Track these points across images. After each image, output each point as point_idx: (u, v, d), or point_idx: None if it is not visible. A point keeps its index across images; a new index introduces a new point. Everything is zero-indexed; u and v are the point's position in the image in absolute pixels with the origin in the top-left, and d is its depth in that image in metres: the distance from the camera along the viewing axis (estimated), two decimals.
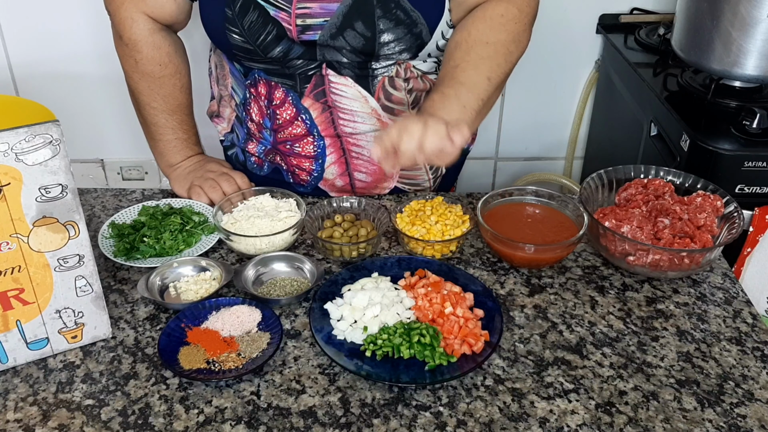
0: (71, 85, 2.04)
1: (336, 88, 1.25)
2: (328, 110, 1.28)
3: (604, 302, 1.11)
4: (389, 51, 1.22)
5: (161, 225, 1.21)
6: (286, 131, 1.32)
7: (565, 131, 2.23)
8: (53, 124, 0.86)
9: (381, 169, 1.34)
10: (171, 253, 1.18)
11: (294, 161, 1.35)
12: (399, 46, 1.22)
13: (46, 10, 1.93)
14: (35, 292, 0.95)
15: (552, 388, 0.96)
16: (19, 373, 0.98)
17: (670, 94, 1.67)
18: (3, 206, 0.87)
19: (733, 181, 1.43)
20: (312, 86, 1.26)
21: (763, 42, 1.45)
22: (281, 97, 1.28)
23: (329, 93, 1.25)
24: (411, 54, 1.24)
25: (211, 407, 0.93)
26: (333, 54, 1.22)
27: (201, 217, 1.25)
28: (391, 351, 0.98)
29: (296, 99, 1.28)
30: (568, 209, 1.23)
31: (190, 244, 1.20)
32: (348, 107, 1.27)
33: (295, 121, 1.30)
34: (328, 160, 1.34)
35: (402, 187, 1.41)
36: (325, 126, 1.30)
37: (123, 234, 1.20)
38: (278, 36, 1.20)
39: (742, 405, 0.94)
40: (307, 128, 1.30)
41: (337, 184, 1.38)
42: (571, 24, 1.99)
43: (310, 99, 1.27)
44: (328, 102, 1.27)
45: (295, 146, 1.33)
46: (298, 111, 1.29)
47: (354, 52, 1.21)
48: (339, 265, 1.18)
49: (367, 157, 1.33)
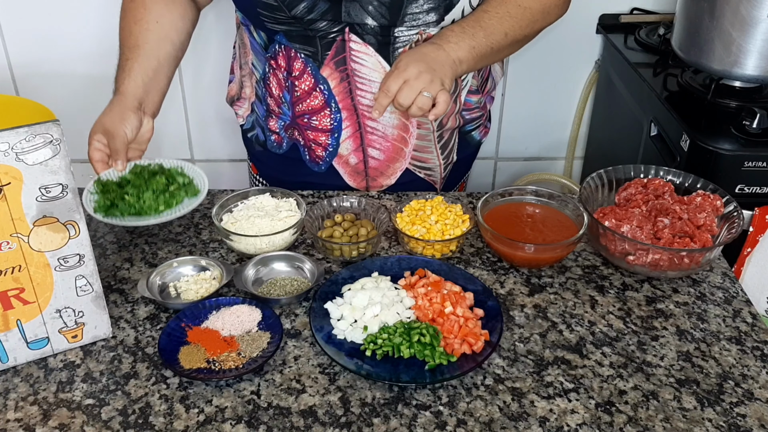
0: (71, 85, 2.04)
1: (356, 56, 1.26)
2: (346, 80, 1.28)
3: (604, 302, 1.11)
4: (417, 9, 1.21)
5: (145, 184, 1.21)
6: (304, 103, 1.32)
7: (565, 131, 2.23)
8: (53, 123, 0.86)
9: (394, 146, 1.36)
10: (149, 213, 1.18)
11: (311, 135, 1.36)
12: (428, 4, 1.21)
13: (46, 10, 1.93)
14: (35, 291, 0.95)
15: (552, 387, 0.96)
16: (19, 373, 0.98)
17: (670, 94, 1.67)
18: (3, 206, 0.88)
19: (733, 181, 1.43)
20: (333, 53, 1.26)
21: (763, 42, 1.45)
22: (300, 68, 1.29)
23: (349, 61, 1.26)
24: (438, 15, 1.23)
25: (211, 407, 0.93)
26: (357, 12, 1.21)
27: (185, 179, 1.25)
28: (391, 350, 0.98)
29: (315, 69, 1.28)
30: (568, 209, 1.23)
31: (170, 205, 1.20)
32: (367, 77, 1.28)
33: (313, 92, 1.30)
34: (343, 134, 1.35)
35: (413, 170, 1.41)
36: (342, 97, 1.30)
37: (107, 191, 1.20)
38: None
39: (741, 404, 0.94)
40: (324, 99, 1.31)
41: (351, 161, 1.38)
42: (571, 24, 1.99)
43: (330, 68, 1.27)
44: (348, 70, 1.27)
45: (313, 119, 1.34)
46: (316, 81, 1.29)
47: (380, 9, 1.20)
48: (339, 265, 1.18)
49: (381, 133, 1.35)
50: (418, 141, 1.37)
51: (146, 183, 1.22)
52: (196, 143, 2.19)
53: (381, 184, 1.42)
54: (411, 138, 1.36)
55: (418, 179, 1.43)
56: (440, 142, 1.40)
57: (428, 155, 1.41)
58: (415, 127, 1.35)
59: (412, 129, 1.35)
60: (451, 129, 1.41)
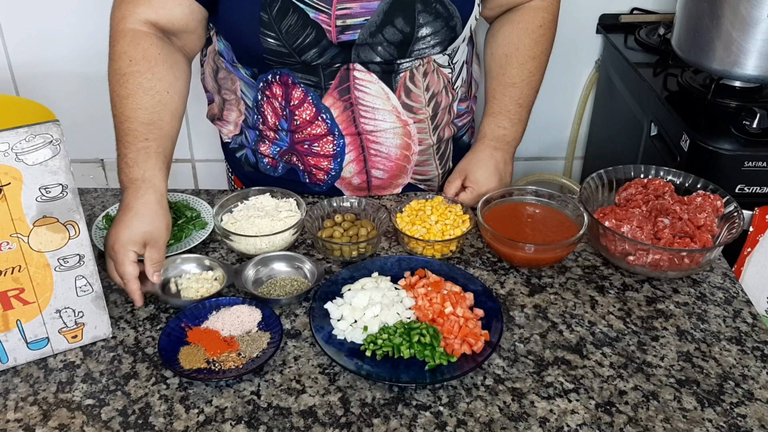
0: (71, 85, 2.04)
1: (360, 84, 1.25)
2: (349, 108, 1.27)
3: (604, 302, 1.11)
4: (424, 45, 1.23)
5: None
6: (305, 131, 1.31)
7: (565, 131, 2.23)
8: (53, 123, 0.86)
9: (398, 165, 1.36)
10: None
11: (312, 161, 1.34)
12: (434, 40, 1.23)
13: (46, 10, 1.93)
14: (35, 291, 0.95)
15: (552, 387, 0.96)
16: (19, 373, 0.98)
17: (670, 94, 1.67)
18: (3, 206, 0.88)
19: (733, 181, 1.43)
20: (337, 82, 1.25)
21: (763, 42, 1.45)
22: (300, 97, 1.27)
23: (353, 89, 1.25)
24: (442, 48, 1.26)
25: (211, 407, 0.93)
26: (367, 53, 1.21)
27: (194, 213, 1.26)
28: (391, 351, 0.98)
29: (316, 98, 1.26)
30: (568, 209, 1.23)
31: (179, 239, 1.21)
32: (370, 104, 1.27)
33: (315, 121, 1.29)
34: (346, 159, 1.33)
35: (414, 183, 1.42)
36: (346, 125, 1.29)
37: None
38: (317, 39, 1.18)
39: (742, 405, 0.94)
40: (327, 128, 1.29)
41: (354, 182, 1.37)
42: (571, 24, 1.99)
43: (332, 97, 1.26)
44: (351, 99, 1.26)
45: (314, 146, 1.32)
46: (318, 110, 1.28)
47: (389, 49, 1.21)
48: (339, 265, 1.18)
49: (385, 154, 1.34)
50: (419, 156, 1.37)
51: None
52: (196, 143, 2.19)
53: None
54: (413, 155, 1.36)
55: (418, 191, 1.44)
56: (438, 153, 1.41)
57: (428, 168, 1.41)
58: (417, 145, 1.35)
59: (414, 147, 1.35)
60: (447, 139, 1.41)
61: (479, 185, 1.32)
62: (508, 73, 1.36)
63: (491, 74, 1.39)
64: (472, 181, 1.33)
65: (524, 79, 1.36)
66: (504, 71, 1.36)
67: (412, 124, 1.31)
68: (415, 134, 1.33)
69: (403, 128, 1.31)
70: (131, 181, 1.11)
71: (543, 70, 1.38)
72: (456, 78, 1.35)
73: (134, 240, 1.06)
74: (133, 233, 1.06)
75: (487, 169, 1.34)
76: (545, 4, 1.34)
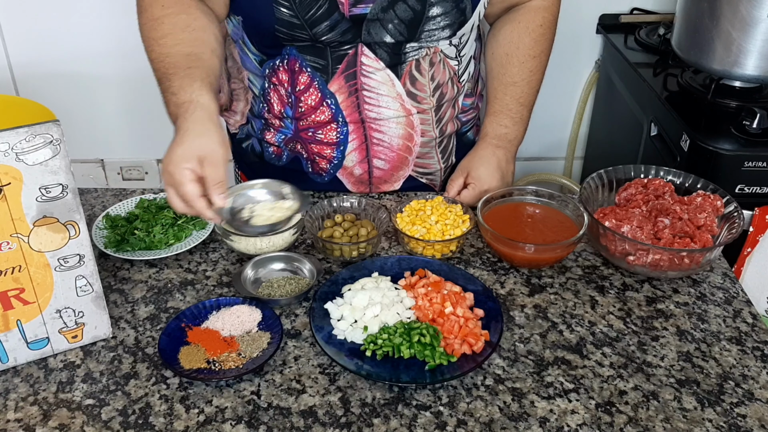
0: (71, 85, 2.04)
1: (367, 70, 1.26)
2: (354, 94, 1.28)
3: (604, 302, 1.11)
4: (434, 26, 1.23)
5: (154, 218, 1.22)
6: (309, 118, 1.31)
7: (565, 131, 2.23)
8: (53, 123, 0.86)
9: (399, 156, 1.37)
10: (160, 247, 1.19)
11: (315, 149, 1.35)
12: (444, 21, 1.23)
13: (46, 10, 1.94)
14: (35, 291, 0.95)
15: (552, 387, 0.96)
16: (19, 373, 0.98)
17: (670, 94, 1.67)
18: (3, 206, 0.88)
19: (733, 181, 1.44)
20: (344, 66, 1.25)
21: (763, 42, 1.45)
22: (306, 82, 1.27)
23: (359, 75, 1.26)
24: (451, 31, 1.26)
25: (211, 407, 0.93)
26: (377, 30, 1.21)
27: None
28: (391, 351, 0.98)
29: (322, 83, 1.27)
30: (568, 209, 1.23)
31: (179, 239, 1.21)
32: (375, 90, 1.28)
33: (320, 107, 1.29)
34: (349, 147, 1.34)
35: (416, 176, 1.42)
36: (350, 111, 1.30)
37: (116, 226, 1.22)
38: (329, 11, 1.18)
39: (742, 405, 0.94)
40: (332, 114, 1.30)
41: (355, 172, 1.38)
42: (571, 24, 1.99)
43: (338, 82, 1.27)
44: (357, 84, 1.27)
45: (318, 133, 1.33)
46: (323, 96, 1.28)
47: (399, 27, 1.21)
48: (339, 265, 1.18)
49: (387, 144, 1.35)
50: (421, 148, 1.38)
51: (154, 217, 1.23)
52: None
53: (383, 190, 1.42)
54: (415, 147, 1.37)
55: (420, 184, 1.44)
56: (440, 147, 1.41)
57: (430, 161, 1.42)
58: (419, 136, 1.36)
59: (416, 138, 1.36)
60: (450, 134, 1.42)
61: (481, 182, 1.32)
62: (509, 72, 1.37)
63: (492, 74, 1.40)
64: (474, 177, 1.33)
65: (525, 78, 1.37)
66: (505, 70, 1.37)
67: (415, 114, 1.32)
68: (418, 125, 1.34)
69: (407, 118, 1.32)
70: (178, 105, 1.07)
71: (543, 69, 1.39)
72: (463, 71, 1.36)
73: (187, 156, 1.00)
74: (186, 150, 1.01)
75: (490, 167, 1.34)
76: (546, 4, 1.34)
